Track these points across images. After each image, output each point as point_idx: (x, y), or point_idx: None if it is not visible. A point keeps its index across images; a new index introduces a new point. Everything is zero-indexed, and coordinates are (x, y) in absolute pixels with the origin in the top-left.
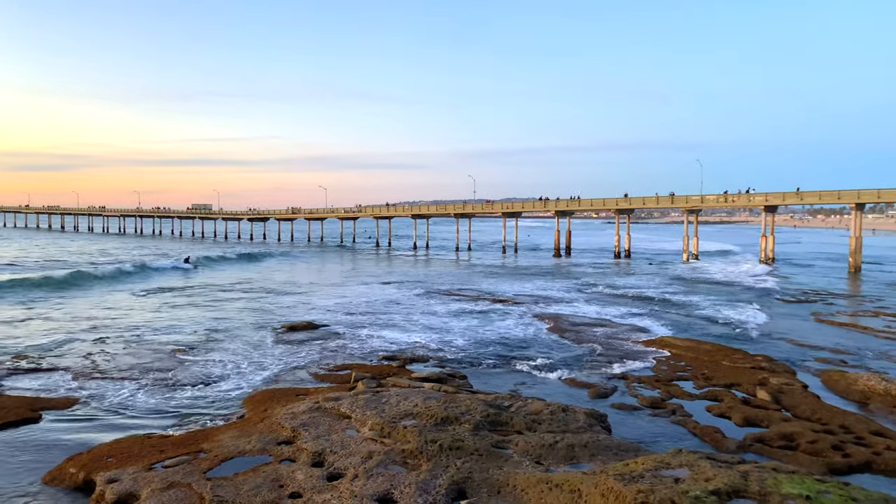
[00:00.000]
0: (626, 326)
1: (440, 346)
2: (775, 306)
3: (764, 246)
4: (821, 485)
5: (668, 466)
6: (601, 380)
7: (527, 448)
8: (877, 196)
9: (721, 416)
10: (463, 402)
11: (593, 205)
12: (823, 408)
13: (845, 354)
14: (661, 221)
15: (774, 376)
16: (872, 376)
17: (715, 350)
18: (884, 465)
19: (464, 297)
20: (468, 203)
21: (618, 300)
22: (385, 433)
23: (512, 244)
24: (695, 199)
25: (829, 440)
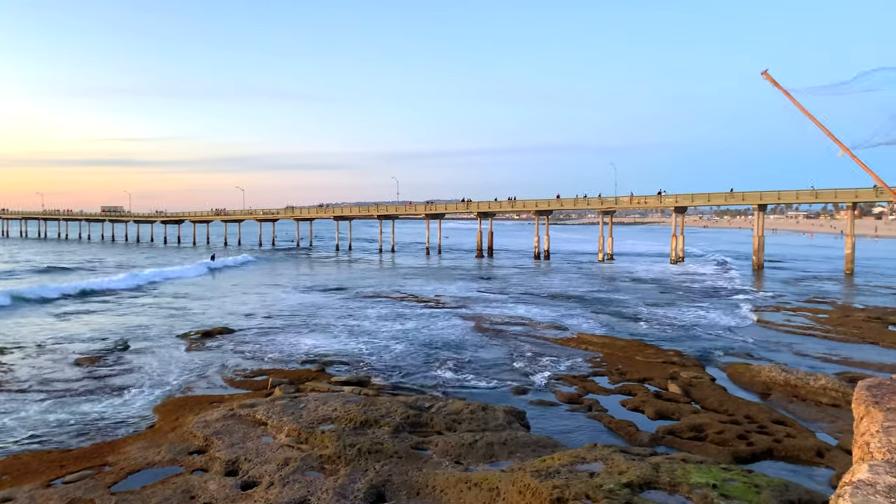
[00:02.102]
0: (545, 324)
1: (362, 349)
2: (686, 302)
3: (675, 245)
4: (726, 473)
5: (584, 461)
6: (521, 377)
7: (446, 448)
8: (777, 197)
9: (635, 409)
10: (383, 405)
11: (514, 206)
12: (730, 399)
13: (750, 347)
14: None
15: (685, 370)
16: (774, 368)
17: (629, 346)
18: (784, 451)
19: (387, 298)
20: (391, 205)
21: (537, 299)
22: (303, 439)
23: (435, 245)
24: (609, 201)
25: (734, 430)
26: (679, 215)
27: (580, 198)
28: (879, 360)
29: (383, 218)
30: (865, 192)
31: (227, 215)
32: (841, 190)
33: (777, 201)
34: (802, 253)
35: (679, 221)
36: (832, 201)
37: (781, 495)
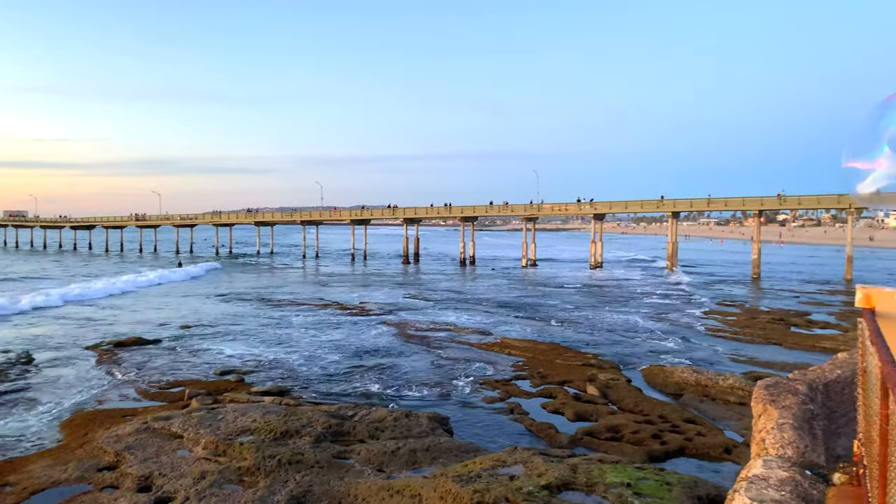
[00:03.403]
0: (470, 330)
1: (284, 359)
2: (604, 306)
3: (594, 251)
4: (640, 472)
5: (505, 464)
6: (445, 383)
7: (369, 456)
8: (689, 205)
9: (555, 412)
10: (304, 415)
11: (440, 212)
12: (645, 400)
13: (664, 349)
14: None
15: (602, 372)
16: (686, 369)
17: (550, 350)
18: (695, 449)
19: (310, 306)
20: (316, 210)
21: (463, 305)
22: (220, 451)
23: (361, 252)
24: (532, 208)
25: (649, 430)
26: (598, 222)
27: (505, 204)
28: (782, 359)
29: (307, 224)
30: (770, 200)
31: (145, 220)
32: (748, 198)
33: (689, 209)
34: (713, 258)
35: (598, 228)
36: (740, 209)
37: (691, 491)
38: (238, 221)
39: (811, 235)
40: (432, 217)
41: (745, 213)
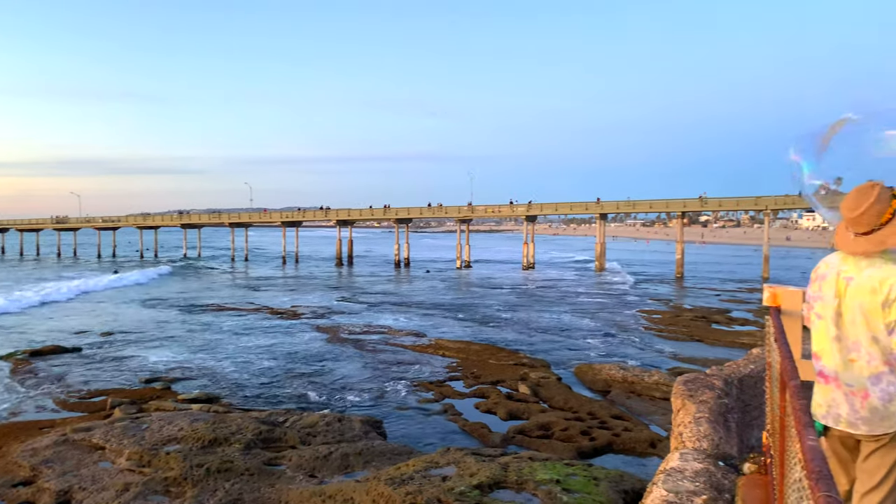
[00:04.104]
0: (404, 332)
1: (212, 365)
2: (536, 305)
3: (526, 252)
4: (569, 468)
5: (437, 465)
6: (379, 386)
7: (300, 462)
8: (616, 207)
9: (488, 411)
10: (234, 422)
11: (374, 214)
12: (574, 397)
13: (593, 346)
14: (438, 230)
15: (534, 371)
16: (613, 366)
17: (484, 350)
18: (622, 444)
19: (239, 310)
20: (245, 212)
21: (397, 308)
22: (145, 462)
23: (292, 254)
24: (466, 210)
25: (578, 426)
26: (530, 224)
27: (439, 206)
28: (703, 356)
29: (235, 226)
30: (692, 202)
31: (66, 223)
32: (672, 200)
33: (616, 210)
34: (641, 258)
35: (530, 229)
36: (664, 211)
37: (617, 485)
38: (163, 224)
39: (731, 236)
40: (366, 219)
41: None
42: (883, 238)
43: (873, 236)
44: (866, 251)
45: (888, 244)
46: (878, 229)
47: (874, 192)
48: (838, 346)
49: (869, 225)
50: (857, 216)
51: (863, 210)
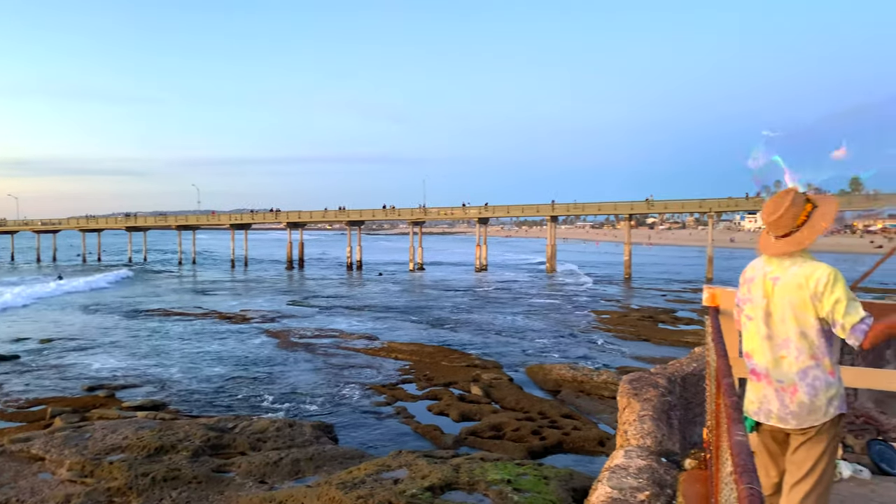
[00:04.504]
0: (356, 335)
1: (159, 371)
2: (489, 307)
3: (479, 254)
4: (519, 468)
5: (389, 468)
6: (331, 390)
7: (250, 469)
8: (567, 210)
9: (440, 413)
10: (181, 429)
11: (326, 216)
12: (525, 397)
13: (545, 347)
14: (391, 233)
15: (486, 372)
16: (563, 366)
17: (436, 352)
18: (572, 443)
19: (187, 315)
20: (192, 214)
21: (349, 311)
22: (87, 472)
23: (242, 258)
24: (419, 212)
25: (529, 426)
26: (482, 226)
27: (392, 208)
28: (651, 354)
29: (183, 228)
30: (639, 204)
31: (4, 225)
32: (620, 203)
33: (567, 213)
34: (591, 259)
35: (482, 232)
36: (613, 213)
37: (566, 484)
38: (107, 226)
39: (677, 237)
40: (317, 221)
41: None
42: (800, 238)
43: (791, 238)
44: (786, 251)
45: (805, 244)
46: (795, 231)
47: (789, 197)
48: (769, 344)
49: (787, 227)
50: (776, 220)
51: (780, 214)
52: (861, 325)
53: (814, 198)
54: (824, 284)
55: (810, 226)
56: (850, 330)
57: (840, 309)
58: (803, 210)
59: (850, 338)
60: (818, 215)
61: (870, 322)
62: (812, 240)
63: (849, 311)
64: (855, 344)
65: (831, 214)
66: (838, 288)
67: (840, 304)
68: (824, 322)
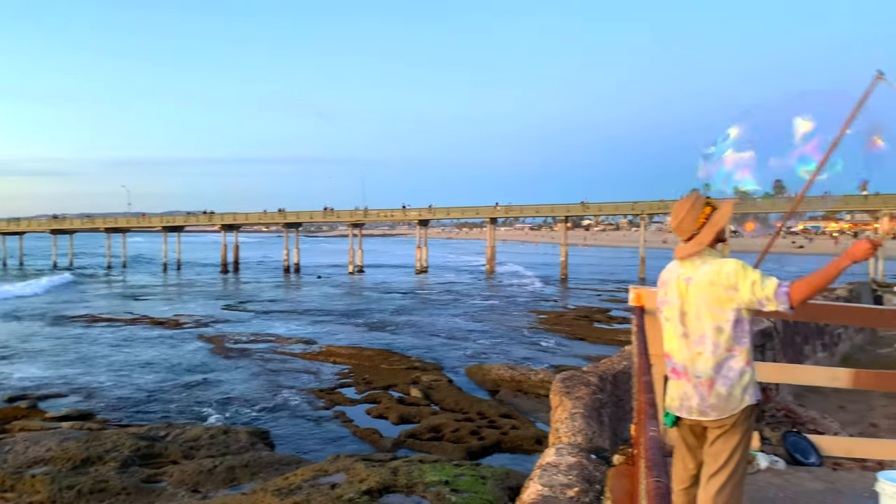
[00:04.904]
0: (294, 340)
1: (87, 379)
2: (428, 309)
3: (419, 256)
4: (457, 469)
5: (326, 473)
6: (267, 395)
7: (183, 478)
8: (506, 212)
9: (379, 416)
10: (109, 439)
11: (262, 218)
12: (465, 398)
13: (483, 347)
14: (330, 235)
15: (426, 374)
16: (502, 366)
17: (376, 355)
18: (510, 442)
19: (116, 321)
20: (122, 216)
21: (286, 315)
22: (7, 486)
23: (174, 261)
24: (358, 214)
25: (468, 427)
26: (423, 228)
27: (330, 210)
28: (586, 353)
29: (112, 231)
30: (575, 207)
31: None
32: (557, 205)
33: (506, 215)
34: (530, 260)
35: (423, 233)
36: (550, 215)
37: (503, 483)
38: (30, 229)
39: (611, 239)
40: (253, 223)
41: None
42: (701, 239)
43: (694, 240)
44: (692, 253)
45: (705, 243)
46: (697, 233)
47: (689, 202)
48: (685, 342)
49: (689, 231)
50: (678, 224)
51: (682, 218)
52: (780, 289)
53: (714, 201)
54: (735, 274)
55: (709, 226)
56: (774, 298)
57: (758, 286)
58: (702, 213)
59: (779, 304)
60: (716, 216)
61: (787, 283)
62: (710, 238)
63: (765, 284)
64: (784, 307)
65: (728, 215)
66: (749, 271)
67: (756, 283)
68: (742, 313)
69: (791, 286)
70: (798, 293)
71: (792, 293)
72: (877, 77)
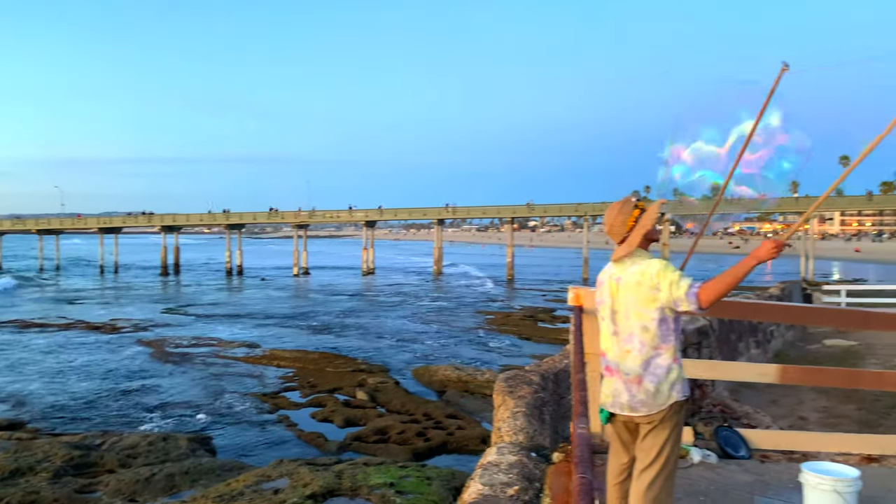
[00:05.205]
0: (237, 343)
1: (18, 387)
2: (375, 311)
3: (366, 258)
4: (402, 471)
5: (269, 479)
6: (209, 401)
7: (119, 487)
8: (453, 213)
9: (325, 420)
10: (40, 449)
11: (202, 220)
12: (411, 400)
13: (429, 348)
14: (274, 236)
15: (372, 377)
16: (449, 367)
17: (321, 358)
18: (456, 443)
19: (49, 326)
20: (56, 217)
21: (228, 318)
22: None
23: (111, 264)
24: (303, 215)
25: (414, 428)
26: (369, 229)
27: (274, 211)
28: (532, 352)
29: (44, 233)
30: (521, 208)
31: None
32: (503, 206)
33: (453, 216)
34: (477, 261)
35: (370, 235)
36: (497, 216)
37: (448, 483)
38: None
39: (556, 240)
40: (194, 225)
41: (501, 220)
42: (631, 241)
43: (625, 242)
44: (622, 255)
45: (634, 245)
46: (627, 236)
47: (618, 206)
48: (616, 340)
49: (620, 234)
50: (610, 228)
51: (611, 223)
52: (691, 290)
53: (643, 204)
54: (658, 274)
55: (638, 228)
56: (685, 298)
57: (674, 286)
58: (631, 216)
59: (689, 304)
60: (644, 218)
61: (698, 284)
62: (639, 239)
63: (680, 284)
64: (693, 306)
65: (653, 216)
66: (669, 272)
67: (673, 283)
68: (665, 312)
69: (701, 287)
70: (706, 294)
71: (701, 294)
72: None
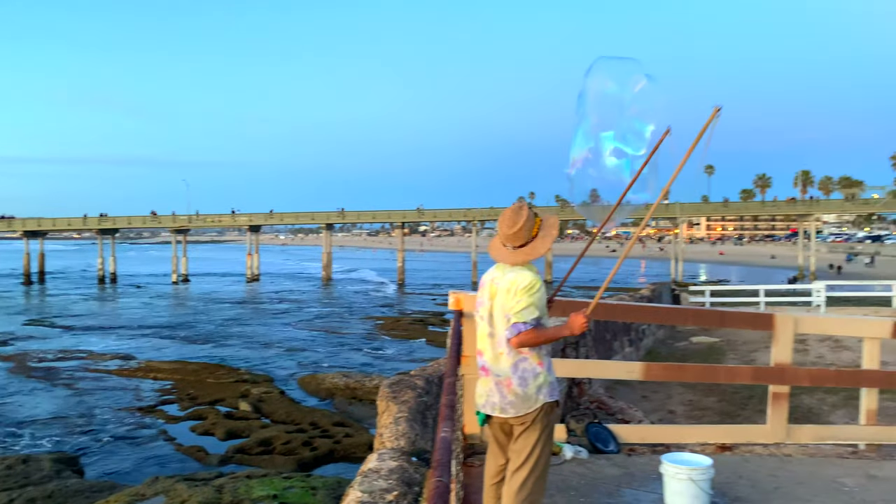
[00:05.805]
0: (109, 356)
1: None
2: (260, 319)
3: (250, 264)
4: (287, 482)
5: (143, 497)
6: (78, 419)
7: None
8: (342, 217)
9: (205, 433)
10: None
11: (71, 224)
12: (297, 409)
13: (315, 356)
14: (152, 241)
15: (256, 387)
16: (337, 374)
17: (201, 369)
18: (343, 451)
19: None
20: None
21: (100, 330)
22: None
23: None
24: (183, 219)
25: (300, 438)
26: (254, 234)
27: (153, 215)
28: (422, 356)
29: None
30: (411, 213)
31: None
32: (394, 211)
33: (342, 220)
34: (368, 266)
35: (254, 240)
36: (387, 221)
37: (334, 492)
38: None
39: (447, 244)
40: (62, 230)
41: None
42: (535, 247)
43: (527, 248)
44: (524, 261)
45: (538, 253)
46: (531, 241)
47: (524, 211)
48: (491, 342)
49: (524, 238)
50: (515, 232)
51: (519, 227)
52: (518, 325)
53: (536, 209)
54: (520, 290)
55: (542, 237)
56: (510, 326)
57: (517, 308)
58: (535, 223)
59: (508, 332)
60: (547, 227)
61: (524, 328)
62: (547, 248)
63: (521, 313)
64: (509, 334)
65: (556, 226)
66: (526, 295)
67: (519, 304)
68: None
69: (526, 331)
70: (524, 338)
71: (522, 336)
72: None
